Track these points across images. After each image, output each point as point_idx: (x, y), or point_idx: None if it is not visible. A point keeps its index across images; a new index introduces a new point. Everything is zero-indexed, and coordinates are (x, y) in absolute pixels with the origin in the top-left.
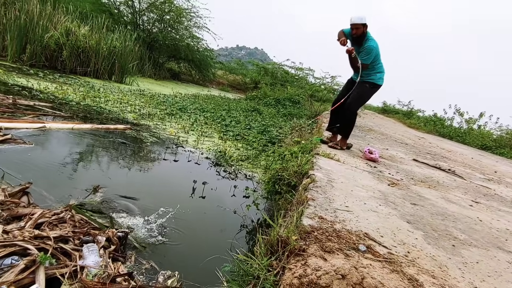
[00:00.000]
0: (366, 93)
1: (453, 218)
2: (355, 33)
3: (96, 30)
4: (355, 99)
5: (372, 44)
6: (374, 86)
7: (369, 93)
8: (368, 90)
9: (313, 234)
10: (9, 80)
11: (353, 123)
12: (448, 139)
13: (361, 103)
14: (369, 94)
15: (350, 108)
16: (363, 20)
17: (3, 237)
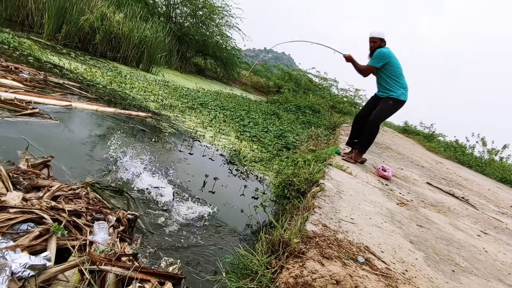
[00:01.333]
0: (389, 109)
1: (458, 245)
2: (372, 46)
3: (130, 18)
4: (378, 113)
5: (383, 50)
6: (397, 102)
7: (392, 109)
8: (391, 106)
9: (315, 239)
10: (42, 56)
11: (373, 137)
12: (467, 167)
13: (384, 118)
14: (392, 110)
15: (373, 122)
16: (381, 35)
17: (22, 204)
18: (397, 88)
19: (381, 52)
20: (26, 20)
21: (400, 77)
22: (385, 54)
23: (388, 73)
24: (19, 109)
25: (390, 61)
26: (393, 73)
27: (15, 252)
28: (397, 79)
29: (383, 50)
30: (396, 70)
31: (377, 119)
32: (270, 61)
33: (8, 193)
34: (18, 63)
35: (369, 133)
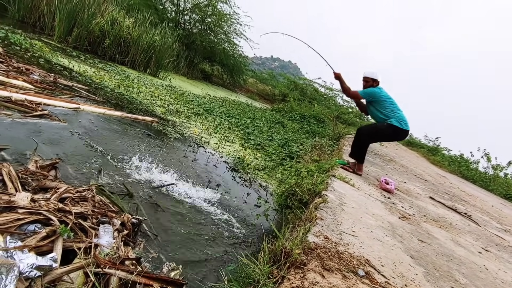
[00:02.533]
0: (381, 128)
1: (459, 261)
2: (364, 85)
3: (139, 23)
4: (369, 126)
5: (374, 89)
6: (390, 126)
7: (384, 128)
8: (384, 127)
9: (316, 251)
10: (53, 58)
11: (361, 145)
12: (471, 182)
13: (373, 133)
14: (384, 130)
15: (361, 129)
16: (373, 76)
17: (30, 205)
18: (392, 116)
19: (371, 90)
20: (38, 22)
21: (396, 111)
22: (375, 92)
23: (383, 109)
24: (29, 110)
25: (381, 99)
26: (387, 108)
27: (22, 252)
28: (392, 112)
29: (374, 89)
30: (390, 106)
31: (365, 129)
32: (276, 69)
33: (17, 193)
34: (29, 65)
35: (356, 141)
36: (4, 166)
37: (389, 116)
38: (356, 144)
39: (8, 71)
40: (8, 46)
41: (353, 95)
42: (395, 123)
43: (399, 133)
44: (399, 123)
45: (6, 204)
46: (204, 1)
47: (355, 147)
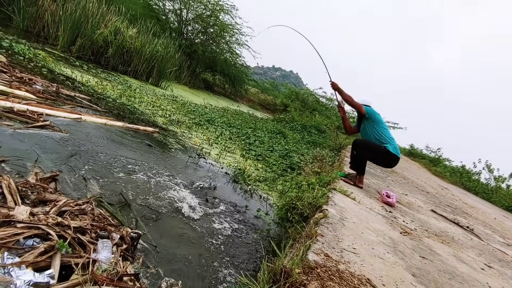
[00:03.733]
0: (377, 149)
1: (461, 279)
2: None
3: (142, 33)
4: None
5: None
6: (387, 152)
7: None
8: (381, 149)
9: (316, 270)
10: (56, 68)
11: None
12: (473, 193)
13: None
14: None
15: (360, 143)
16: (366, 103)
17: (29, 219)
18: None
19: (373, 110)
20: (42, 32)
21: (392, 139)
22: (376, 114)
23: (380, 132)
24: (31, 121)
25: (380, 122)
26: (385, 133)
27: (20, 269)
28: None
29: (375, 111)
30: (387, 131)
31: (362, 143)
32: (278, 79)
33: (16, 207)
34: (32, 75)
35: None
36: (4, 178)
37: (386, 141)
38: (355, 156)
39: (11, 81)
40: (12, 56)
41: (356, 106)
42: (392, 150)
43: (392, 160)
44: (394, 150)
45: (4, 218)
46: (206, 12)
47: (355, 160)
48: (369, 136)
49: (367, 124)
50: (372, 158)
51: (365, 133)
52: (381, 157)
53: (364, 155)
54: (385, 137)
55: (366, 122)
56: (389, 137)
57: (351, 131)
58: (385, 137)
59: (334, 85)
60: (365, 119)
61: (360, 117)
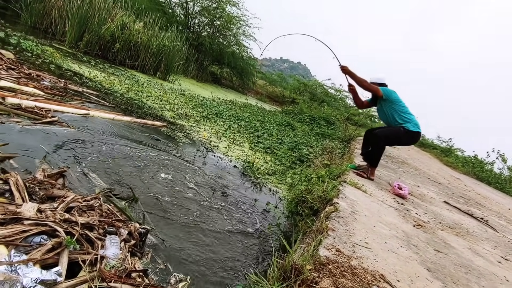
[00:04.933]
0: (398, 132)
1: (478, 273)
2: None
3: (149, 27)
4: (386, 130)
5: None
6: (407, 132)
7: (401, 133)
8: (401, 131)
9: (328, 266)
10: (64, 64)
11: (378, 149)
12: (485, 183)
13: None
14: (400, 135)
15: (379, 135)
16: (381, 80)
17: (37, 216)
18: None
19: (390, 90)
20: (49, 28)
21: (410, 115)
22: (392, 93)
23: (400, 112)
24: (39, 117)
25: (398, 101)
26: (404, 111)
27: (27, 266)
28: (408, 115)
29: (391, 90)
30: (406, 109)
31: (382, 135)
32: (286, 70)
33: (24, 204)
34: (40, 71)
35: (373, 146)
36: (12, 175)
37: (406, 120)
38: (372, 150)
39: (19, 78)
40: (20, 53)
41: (373, 89)
42: (412, 128)
43: (415, 137)
44: (414, 127)
45: (12, 215)
46: (213, 4)
47: (371, 153)
48: (388, 117)
49: (385, 105)
50: (392, 143)
51: (383, 114)
52: (402, 139)
53: (381, 148)
54: (404, 116)
55: (383, 103)
56: (409, 115)
57: (364, 106)
58: (404, 116)
59: (344, 69)
60: (382, 100)
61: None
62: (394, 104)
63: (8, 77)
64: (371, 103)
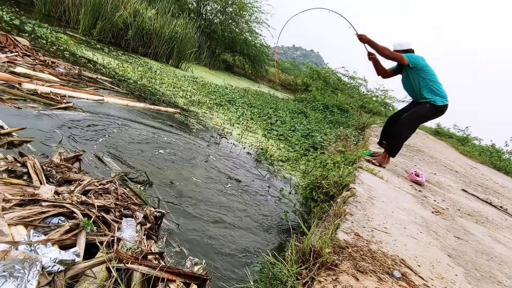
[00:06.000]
0: (425, 112)
1: (500, 260)
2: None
3: (161, 15)
4: (410, 115)
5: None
6: (434, 107)
7: (428, 113)
8: (427, 109)
9: (347, 250)
10: (78, 51)
11: (401, 140)
12: (503, 173)
13: (417, 120)
14: (428, 114)
15: (403, 124)
16: (405, 46)
17: (54, 198)
18: (433, 95)
19: (417, 56)
20: (63, 16)
21: (437, 84)
22: (419, 60)
23: (429, 80)
24: (54, 102)
25: (426, 68)
26: (429, 80)
27: (46, 246)
28: (434, 86)
29: (418, 56)
30: (432, 77)
31: (407, 121)
32: (298, 58)
33: (42, 186)
34: (55, 58)
35: (396, 136)
36: (29, 158)
37: (435, 92)
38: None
39: (34, 65)
40: (35, 40)
41: (397, 58)
42: (439, 103)
43: (443, 111)
44: (442, 101)
45: (30, 197)
46: None
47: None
48: (415, 87)
49: (412, 74)
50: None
51: (408, 84)
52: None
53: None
54: (433, 86)
55: (410, 72)
56: (438, 84)
57: (388, 75)
58: (433, 86)
59: (363, 37)
60: (408, 69)
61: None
62: (422, 71)
63: (24, 63)
64: (397, 71)
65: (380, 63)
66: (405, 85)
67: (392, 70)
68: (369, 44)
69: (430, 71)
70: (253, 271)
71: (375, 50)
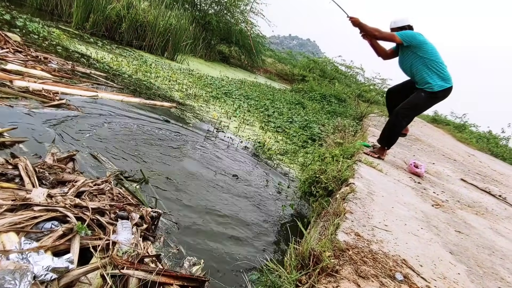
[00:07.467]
0: (420, 101)
1: (501, 254)
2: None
3: (155, 6)
4: (406, 104)
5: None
6: (430, 94)
7: (424, 102)
8: (422, 99)
9: (348, 252)
10: (71, 46)
11: (396, 131)
12: (500, 159)
13: (412, 111)
14: (424, 103)
15: (399, 113)
16: (402, 23)
17: (47, 201)
18: (431, 78)
19: (411, 32)
20: (55, 10)
21: (438, 64)
22: (415, 35)
23: (421, 60)
24: (47, 100)
25: (423, 44)
26: (427, 59)
27: (38, 254)
28: (433, 65)
29: (414, 32)
30: (431, 55)
31: (402, 111)
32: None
33: (34, 189)
34: (47, 53)
35: (392, 127)
36: (21, 160)
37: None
38: (393, 132)
39: (26, 61)
40: (27, 35)
41: (388, 37)
42: (436, 89)
43: (444, 95)
44: (441, 84)
45: (22, 201)
46: None
47: (390, 133)
48: (413, 69)
49: (408, 54)
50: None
51: (407, 65)
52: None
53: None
54: (435, 66)
55: (405, 52)
56: (439, 64)
57: (388, 56)
58: (435, 66)
59: (354, 20)
60: (403, 48)
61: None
62: (419, 49)
63: (15, 60)
64: (397, 51)
65: (377, 43)
66: (402, 67)
67: (393, 50)
68: (360, 27)
69: (429, 48)
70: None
71: (365, 31)
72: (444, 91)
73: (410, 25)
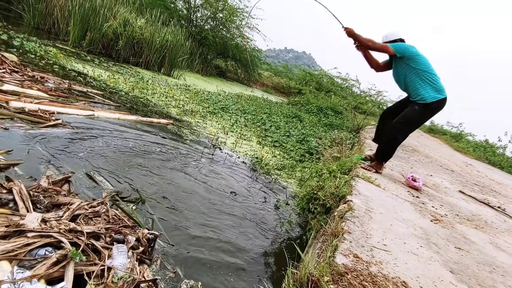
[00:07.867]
0: (414, 114)
1: (502, 271)
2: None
3: (151, 23)
4: (400, 119)
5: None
6: (423, 106)
7: (418, 116)
8: (417, 112)
9: (347, 276)
10: (67, 64)
11: (392, 146)
12: (498, 168)
13: (409, 126)
14: (419, 117)
15: (393, 130)
16: (395, 36)
17: (41, 227)
18: (427, 88)
19: (404, 45)
20: (52, 28)
21: (431, 75)
22: (407, 48)
23: (414, 71)
24: (43, 120)
25: (416, 56)
26: (420, 70)
27: (31, 283)
28: (426, 76)
29: (406, 44)
30: (424, 67)
31: (397, 126)
32: (290, 60)
33: (28, 214)
34: (44, 72)
35: (388, 142)
36: (15, 184)
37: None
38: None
39: (23, 81)
40: (24, 55)
41: (381, 48)
42: (429, 100)
43: (438, 107)
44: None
45: (15, 227)
46: None
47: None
48: (407, 81)
49: (401, 65)
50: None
51: (401, 77)
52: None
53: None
54: (428, 77)
55: (399, 64)
56: (432, 75)
57: (381, 69)
58: (428, 77)
59: (349, 31)
60: (397, 60)
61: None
62: (412, 60)
63: (12, 80)
64: (390, 64)
65: (371, 54)
66: (396, 80)
67: (386, 62)
68: (354, 37)
69: (422, 60)
70: None
71: (360, 42)
72: (437, 102)
73: (402, 38)
